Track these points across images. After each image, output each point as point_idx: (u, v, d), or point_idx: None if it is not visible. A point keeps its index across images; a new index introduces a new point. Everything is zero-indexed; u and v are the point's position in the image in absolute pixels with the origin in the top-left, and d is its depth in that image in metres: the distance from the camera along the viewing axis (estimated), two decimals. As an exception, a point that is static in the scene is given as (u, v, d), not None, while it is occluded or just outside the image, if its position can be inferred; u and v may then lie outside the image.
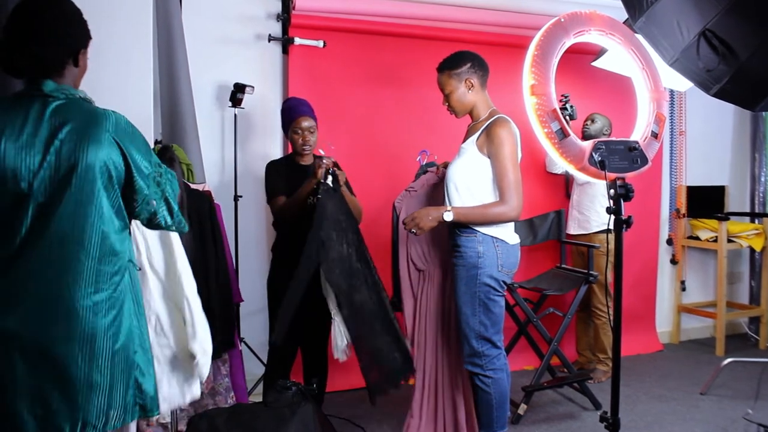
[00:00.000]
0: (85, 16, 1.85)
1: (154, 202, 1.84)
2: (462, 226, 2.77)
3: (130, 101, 3.25)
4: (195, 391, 2.53)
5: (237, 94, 3.69)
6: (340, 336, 3.00)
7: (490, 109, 2.86)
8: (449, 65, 2.86)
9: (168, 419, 2.89)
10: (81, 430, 1.70)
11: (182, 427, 2.98)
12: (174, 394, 2.45)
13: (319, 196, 2.93)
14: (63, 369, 1.66)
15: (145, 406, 1.86)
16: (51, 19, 1.72)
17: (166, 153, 2.91)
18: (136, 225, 2.31)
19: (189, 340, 2.41)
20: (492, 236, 2.76)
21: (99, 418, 1.72)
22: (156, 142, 3.31)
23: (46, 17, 1.72)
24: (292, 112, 3.22)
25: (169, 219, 1.90)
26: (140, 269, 2.32)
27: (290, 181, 3.19)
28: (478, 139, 2.78)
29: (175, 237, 2.47)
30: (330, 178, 3.01)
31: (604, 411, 2.64)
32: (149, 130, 3.31)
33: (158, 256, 2.45)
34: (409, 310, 3.17)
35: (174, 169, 2.87)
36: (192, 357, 2.41)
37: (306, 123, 3.19)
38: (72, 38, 1.76)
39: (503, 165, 2.70)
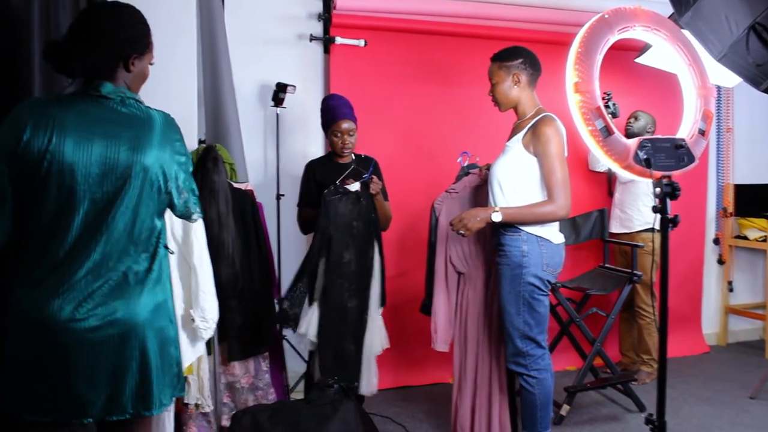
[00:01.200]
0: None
1: (187, 194, 1.94)
2: (507, 225, 2.75)
3: (175, 102, 3.30)
4: (200, 349, 2.68)
5: (279, 93, 3.72)
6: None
7: (536, 108, 2.83)
8: (501, 57, 2.85)
9: (209, 408, 2.94)
10: (144, 409, 1.80)
11: (225, 422, 3.02)
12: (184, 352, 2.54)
13: (328, 198, 3.06)
14: (130, 353, 1.76)
15: (182, 384, 1.98)
16: (104, 26, 1.79)
17: (210, 153, 2.95)
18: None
19: (192, 305, 2.55)
20: (537, 235, 2.73)
21: (157, 397, 1.82)
22: (200, 142, 3.36)
23: (99, 23, 1.79)
24: (332, 114, 3.24)
25: (196, 208, 1.99)
26: (173, 253, 2.45)
27: (328, 178, 3.22)
28: (524, 137, 2.76)
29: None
30: (358, 185, 3.08)
31: (649, 413, 2.60)
32: (193, 129, 3.37)
33: (178, 224, 2.57)
34: (441, 312, 3.16)
35: (218, 169, 2.92)
36: (191, 320, 2.53)
37: (345, 125, 3.21)
38: (123, 44, 1.81)
39: (551, 163, 2.67)
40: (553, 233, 2.80)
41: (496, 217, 2.69)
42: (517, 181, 2.76)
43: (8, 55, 2.13)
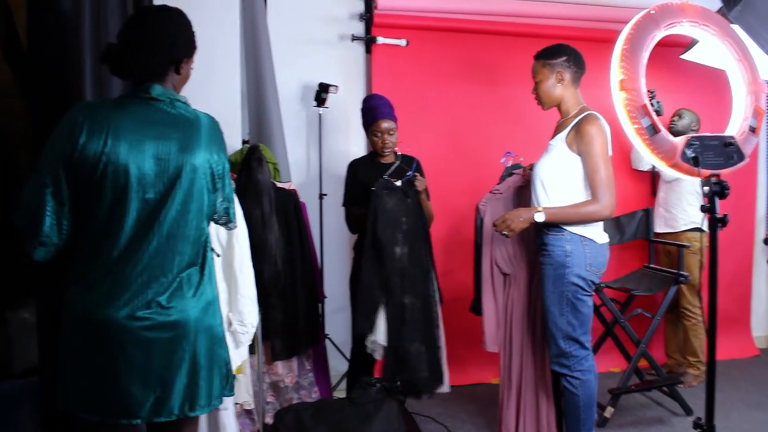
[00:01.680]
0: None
1: (228, 202, 1.98)
2: (550, 224, 2.73)
3: (218, 103, 3.36)
4: (244, 352, 2.69)
5: (321, 93, 3.75)
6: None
7: (579, 106, 2.80)
8: (545, 54, 2.82)
9: (251, 406, 2.97)
10: (189, 409, 1.82)
11: (268, 419, 3.06)
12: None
13: (378, 192, 3.05)
14: (180, 355, 1.79)
15: (231, 384, 1.99)
16: (158, 30, 1.84)
17: (254, 153, 2.98)
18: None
19: (230, 309, 2.56)
20: (580, 235, 2.70)
21: (204, 398, 1.85)
22: (243, 142, 3.41)
23: (154, 28, 1.84)
24: (372, 114, 3.25)
25: (233, 217, 2.03)
26: (218, 256, 2.47)
27: (371, 178, 3.23)
28: (567, 135, 2.73)
29: (239, 212, 2.57)
30: (400, 182, 3.08)
31: (697, 417, 2.55)
32: (236, 130, 3.42)
33: (221, 229, 2.57)
34: (490, 313, 3.15)
35: (262, 169, 2.95)
36: (229, 324, 2.54)
37: (385, 125, 3.22)
38: (175, 48, 1.87)
39: (594, 162, 2.64)
40: (597, 233, 2.76)
41: (539, 218, 2.67)
42: (560, 181, 2.73)
43: (60, 60, 2.18)
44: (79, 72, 2.21)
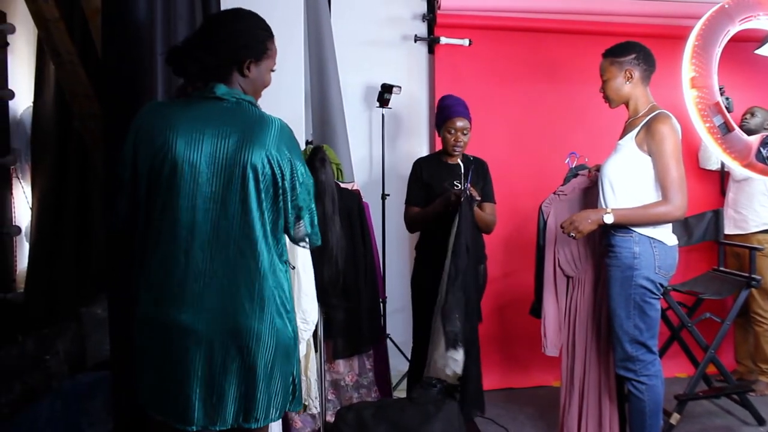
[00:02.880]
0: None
1: (304, 210, 1.90)
2: (618, 225, 2.67)
3: (283, 104, 3.41)
4: (301, 350, 2.68)
5: (384, 94, 3.77)
6: None
7: (649, 104, 2.73)
8: (613, 52, 2.76)
9: (316, 410, 3.01)
10: (244, 420, 1.79)
11: (330, 418, 3.09)
12: None
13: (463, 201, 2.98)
14: (235, 363, 1.77)
15: (298, 399, 1.93)
16: (220, 30, 1.83)
17: (317, 153, 3.02)
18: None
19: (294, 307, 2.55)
20: (649, 236, 2.64)
21: (261, 410, 1.80)
22: (307, 143, 3.46)
23: (217, 28, 1.84)
24: (448, 111, 3.24)
25: (310, 229, 1.95)
26: (293, 268, 2.50)
27: (434, 178, 3.23)
28: (637, 135, 2.67)
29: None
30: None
31: (771, 427, 2.46)
32: (301, 131, 3.47)
33: None
34: (551, 316, 3.11)
35: (325, 169, 2.98)
36: None
37: (460, 123, 3.21)
38: (237, 49, 1.84)
39: (666, 162, 2.57)
40: (667, 234, 2.70)
41: (608, 219, 2.62)
42: (629, 181, 2.68)
43: (133, 64, 2.25)
44: (151, 76, 2.28)
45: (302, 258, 2.61)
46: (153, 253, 1.77)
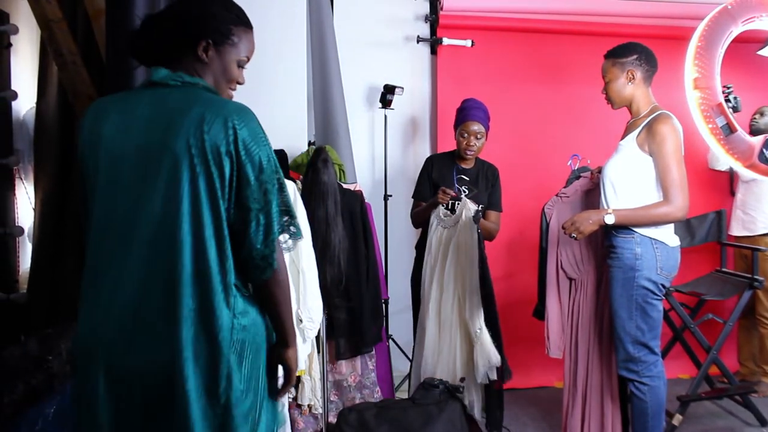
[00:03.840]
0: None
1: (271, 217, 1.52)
2: (619, 226, 2.67)
3: (286, 105, 3.43)
4: (307, 348, 2.73)
5: (387, 95, 3.77)
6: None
7: (651, 105, 2.73)
8: (615, 53, 2.76)
9: (320, 411, 3.01)
10: None
11: (332, 419, 3.09)
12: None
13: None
14: None
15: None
16: (176, 7, 1.62)
17: (320, 154, 3.02)
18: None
19: (299, 306, 2.60)
20: (651, 237, 2.63)
21: None
22: (309, 143, 3.46)
23: (175, 5, 1.63)
24: (464, 114, 3.25)
25: (291, 235, 1.60)
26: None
27: (441, 176, 3.26)
28: (638, 135, 2.66)
29: (302, 213, 2.63)
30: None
31: (774, 428, 2.46)
32: (303, 131, 3.47)
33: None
34: (554, 317, 3.10)
35: (327, 170, 2.98)
36: (299, 321, 2.58)
37: (474, 127, 3.21)
38: (190, 27, 1.58)
39: (667, 162, 2.57)
40: (669, 235, 2.69)
41: (609, 220, 2.61)
42: (630, 182, 2.67)
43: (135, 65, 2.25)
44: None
45: (307, 258, 2.62)
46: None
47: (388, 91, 3.77)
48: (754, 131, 3.89)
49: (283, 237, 1.57)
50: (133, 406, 1.47)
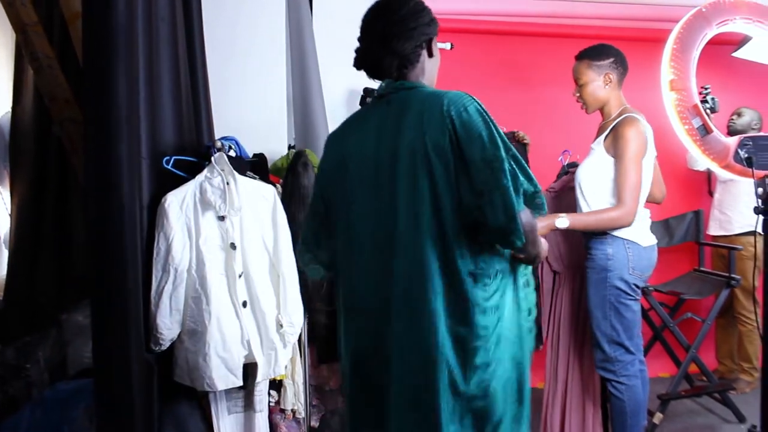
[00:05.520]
0: (222, 27, 1.91)
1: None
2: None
3: (266, 108, 3.41)
4: (289, 353, 2.69)
5: (366, 98, 3.75)
6: None
7: (621, 107, 2.73)
8: (591, 55, 2.74)
9: (302, 415, 2.99)
10: None
11: (315, 423, 3.07)
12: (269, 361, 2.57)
13: None
14: None
15: None
16: (402, 14, 1.69)
17: (300, 157, 3.01)
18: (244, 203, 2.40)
19: (280, 311, 2.56)
20: (623, 238, 2.64)
21: None
22: (289, 147, 3.45)
23: (397, 13, 1.70)
24: None
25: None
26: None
27: None
28: (605, 138, 2.67)
29: (282, 218, 2.60)
30: None
31: (752, 425, 2.49)
32: (283, 135, 3.46)
33: (269, 231, 2.58)
34: (546, 303, 3.12)
35: (307, 173, 2.97)
36: (279, 326, 2.55)
37: None
38: (425, 28, 1.72)
39: (625, 166, 2.56)
40: (642, 235, 2.70)
41: (561, 224, 2.57)
42: (598, 185, 2.67)
43: (113, 68, 2.22)
44: (132, 79, 2.26)
45: (287, 262, 2.60)
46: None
47: (368, 94, 3.75)
48: (731, 132, 3.94)
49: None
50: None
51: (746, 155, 2.54)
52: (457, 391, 1.52)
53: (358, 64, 1.73)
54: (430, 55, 1.71)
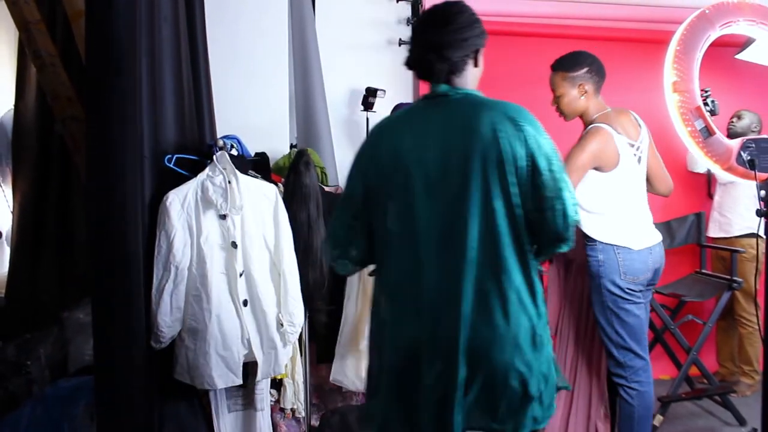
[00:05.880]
0: (225, 26, 1.91)
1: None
2: (586, 235, 2.68)
3: (268, 108, 3.41)
4: (289, 352, 2.70)
5: (368, 98, 3.76)
6: None
7: (597, 114, 2.70)
8: (565, 66, 2.72)
9: (302, 414, 3.00)
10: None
11: (315, 422, 3.08)
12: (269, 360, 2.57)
13: None
14: None
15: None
16: (457, 24, 1.77)
17: (301, 157, 3.01)
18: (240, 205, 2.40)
19: (280, 310, 2.57)
20: (612, 244, 2.64)
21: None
22: (291, 146, 3.45)
23: (453, 22, 1.78)
24: None
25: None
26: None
27: None
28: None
29: (284, 217, 2.61)
30: None
31: (753, 428, 2.48)
32: (285, 134, 3.46)
33: (270, 230, 2.59)
34: (554, 302, 3.10)
35: (309, 173, 2.98)
36: (280, 325, 2.56)
37: None
38: (476, 39, 1.79)
39: (568, 169, 2.53)
40: (632, 239, 2.67)
41: None
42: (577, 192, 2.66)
43: (116, 67, 2.23)
44: (134, 78, 2.27)
45: (289, 261, 2.60)
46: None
47: (370, 93, 3.77)
48: (731, 134, 3.93)
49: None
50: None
51: (749, 158, 2.54)
52: (531, 373, 1.66)
53: (410, 65, 1.83)
54: (476, 65, 1.81)
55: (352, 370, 2.98)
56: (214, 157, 2.48)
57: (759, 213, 2.41)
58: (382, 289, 1.78)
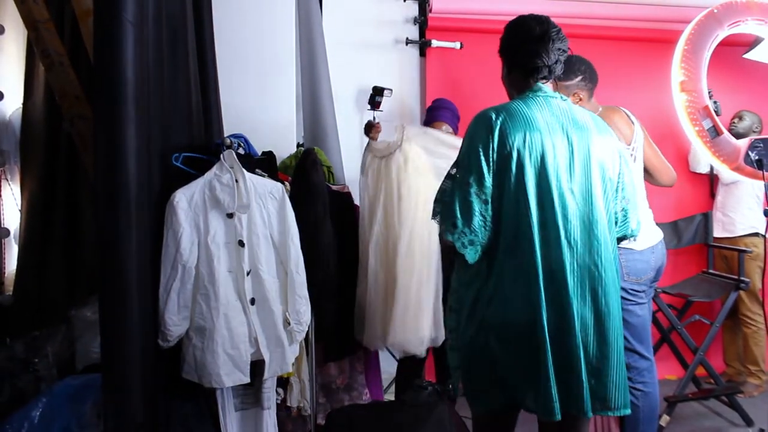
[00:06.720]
0: (232, 25, 1.93)
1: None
2: None
3: (275, 107, 3.41)
4: (296, 350, 2.71)
5: (375, 97, 3.75)
6: None
7: None
8: (559, 75, 2.74)
9: (308, 413, 3.00)
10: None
11: (321, 421, 3.08)
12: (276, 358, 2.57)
13: None
14: None
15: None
16: (556, 37, 2.19)
17: (308, 155, 3.01)
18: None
19: (288, 308, 2.59)
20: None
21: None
22: (298, 145, 3.45)
23: (553, 36, 2.21)
24: (431, 115, 3.25)
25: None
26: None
27: None
28: None
29: (291, 216, 2.61)
30: None
31: (760, 429, 2.47)
32: (291, 133, 3.46)
33: (276, 229, 2.60)
34: None
35: (316, 171, 2.98)
36: (287, 323, 2.57)
37: (442, 127, 3.21)
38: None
39: None
40: (635, 241, 2.68)
41: None
42: None
43: (123, 66, 2.23)
44: (142, 76, 2.27)
45: (295, 259, 2.61)
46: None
47: (377, 92, 3.76)
48: (733, 135, 3.91)
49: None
50: None
51: (757, 157, 2.53)
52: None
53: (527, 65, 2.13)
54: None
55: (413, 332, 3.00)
56: (222, 155, 2.48)
57: (767, 213, 2.40)
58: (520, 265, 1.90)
